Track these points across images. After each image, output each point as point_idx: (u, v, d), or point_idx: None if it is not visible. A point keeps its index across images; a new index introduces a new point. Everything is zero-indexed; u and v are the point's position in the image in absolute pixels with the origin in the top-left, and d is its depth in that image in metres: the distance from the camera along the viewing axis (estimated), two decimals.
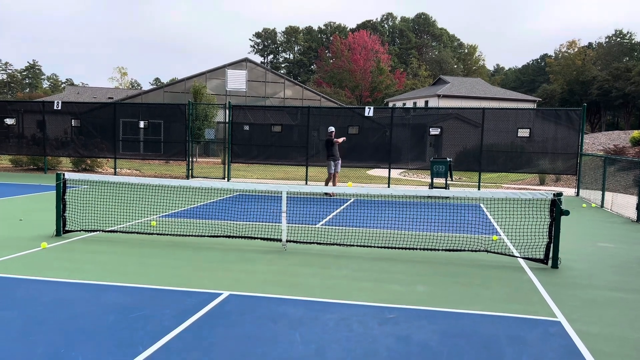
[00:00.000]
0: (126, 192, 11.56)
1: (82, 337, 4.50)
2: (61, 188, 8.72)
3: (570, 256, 7.94)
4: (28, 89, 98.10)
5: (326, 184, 15.51)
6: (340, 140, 15.29)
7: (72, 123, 20.67)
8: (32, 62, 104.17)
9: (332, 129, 15.51)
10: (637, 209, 11.85)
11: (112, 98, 51.34)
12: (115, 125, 20.55)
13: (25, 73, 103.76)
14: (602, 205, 14.03)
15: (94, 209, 10.22)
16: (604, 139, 29.04)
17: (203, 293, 5.79)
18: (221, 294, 5.77)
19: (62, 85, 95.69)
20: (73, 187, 13.54)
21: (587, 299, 5.97)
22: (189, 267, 6.94)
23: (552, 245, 7.37)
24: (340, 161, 15.40)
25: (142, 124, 20.61)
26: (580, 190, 16.87)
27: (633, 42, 79.00)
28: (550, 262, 7.38)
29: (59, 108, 20.68)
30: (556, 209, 7.29)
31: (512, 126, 17.84)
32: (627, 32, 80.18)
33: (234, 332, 4.69)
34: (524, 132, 17.63)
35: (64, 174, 8.81)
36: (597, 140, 29.32)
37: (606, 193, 14.31)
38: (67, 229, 8.76)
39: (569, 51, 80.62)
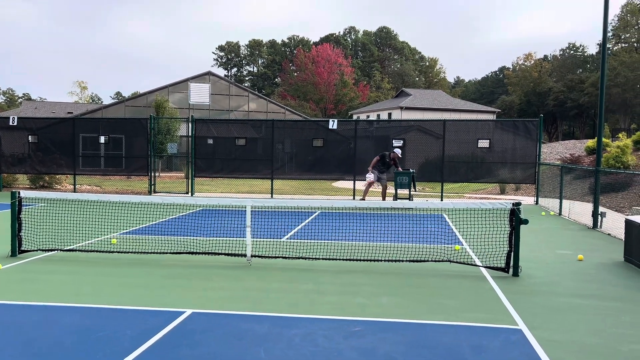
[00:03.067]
0: (86, 209, 11.27)
1: None
2: (16, 207, 8.44)
3: (530, 264, 8.13)
4: None
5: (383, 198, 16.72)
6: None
7: (29, 139, 20.07)
8: None
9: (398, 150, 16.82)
10: (592, 216, 12.24)
11: (72, 113, 50.22)
12: (74, 141, 20.05)
13: None
14: (560, 213, 14.43)
15: (51, 227, 9.92)
16: (561, 149, 29.94)
17: (165, 312, 5.67)
18: (184, 312, 5.66)
19: (19, 100, 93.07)
20: (30, 205, 13.12)
21: (547, 306, 6.10)
22: (151, 286, 6.80)
23: (512, 253, 7.52)
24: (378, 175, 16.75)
25: (102, 139, 20.18)
26: (539, 199, 17.32)
27: (586, 54, 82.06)
28: (511, 270, 7.53)
29: (15, 124, 20.08)
30: (515, 218, 7.45)
31: (473, 137, 18.23)
32: (580, 45, 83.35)
33: (198, 352, 4.60)
34: (484, 143, 18.03)
35: (19, 192, 8.54)
36: (555, 149, 30.21)
37: (564, 201, 14.73)
38: (23, 249, 8.47)
39: (525, 64, 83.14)
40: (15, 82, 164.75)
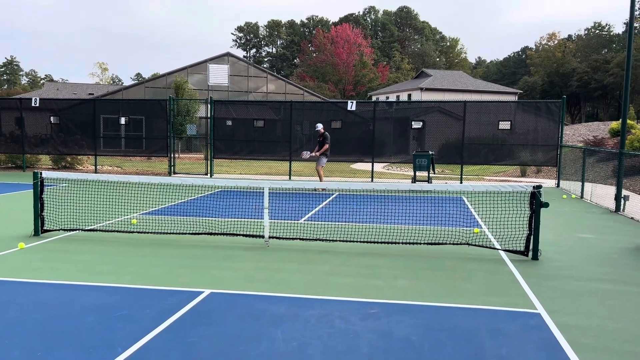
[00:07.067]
0: (106, 189, 11.41)
1: (60, 339, 4.43)
2: (39, 187, 8.57)
3: (550, 247, 8.03)
4: (6, 85, 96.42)
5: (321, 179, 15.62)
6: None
7: (51, 120, 20.34)
8: (9, 58, 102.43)
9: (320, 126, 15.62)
10: (615, 199, 12.02)
11: (93, 94, 50.65)
12: (95, 122, 20.29)
13: (3, 69, 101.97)
14: (582, 196, 14.21)
15: (73, 207, 10.07)
16: (584, 130, 29.40)
17: (184, 292, 5.74)
18: (202, 292, 5.72)
19: (41, 82, 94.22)
20: (52, 185, 13.34)
21: (566, 290, 6.03)
22: (170, 266, 6.88)
23: (532, 237, 7.44)
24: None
25: (123, 120, 20.38)
26: (561, 182, 17.06)
27: (611, 34, 79.93)
28: (530, 254, 7.45)
29: (37, 105, 20.35)
30: (536, 202, 7.35)
31: (494, 118, 17.97)
32: (606, 24, 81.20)
33: (215, 331, 4.65)
34: (505, 125, 17.77)
35: (41, 173, 8.66)
36: (577, 131, 29.68)
37: (586, 184, 14.48)
38: (45, 228, 8.62)
39: (549, 43, 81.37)
40: (37, 64, 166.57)
